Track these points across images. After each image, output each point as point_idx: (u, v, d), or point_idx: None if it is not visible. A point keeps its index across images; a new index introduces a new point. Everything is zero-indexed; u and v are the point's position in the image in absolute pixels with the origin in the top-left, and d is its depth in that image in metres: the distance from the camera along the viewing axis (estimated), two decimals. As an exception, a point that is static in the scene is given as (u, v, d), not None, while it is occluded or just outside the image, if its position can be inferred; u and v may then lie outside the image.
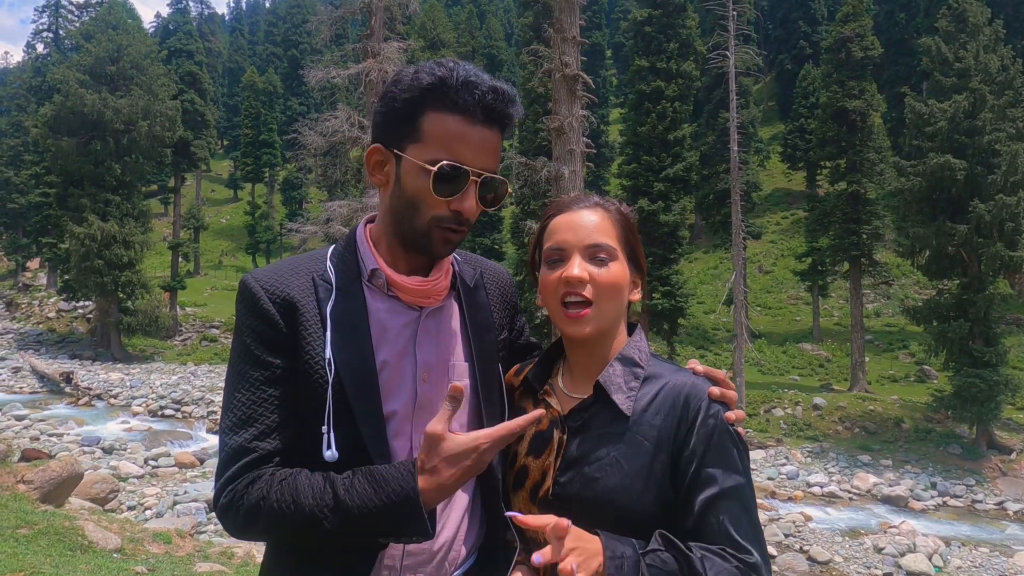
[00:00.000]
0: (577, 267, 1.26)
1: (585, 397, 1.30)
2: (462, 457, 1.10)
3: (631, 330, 1.37)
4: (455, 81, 1.18)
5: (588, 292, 1.26)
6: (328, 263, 1.27)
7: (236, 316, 1.25)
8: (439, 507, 1.24)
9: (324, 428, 1.16)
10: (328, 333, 1.19)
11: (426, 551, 1.24)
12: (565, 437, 1.28)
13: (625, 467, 1.20)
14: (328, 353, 1.18)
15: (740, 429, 1.24)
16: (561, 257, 1.29)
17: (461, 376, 1.31)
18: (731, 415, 1.22)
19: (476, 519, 1.34)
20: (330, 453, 1.15)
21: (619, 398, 1.25)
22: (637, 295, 1.35)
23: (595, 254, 1.27)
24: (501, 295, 1.47)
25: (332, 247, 1.32)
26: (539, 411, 1.18)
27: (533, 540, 1.29)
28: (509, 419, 1.37)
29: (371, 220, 1.36)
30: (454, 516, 1.29)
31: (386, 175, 1.26)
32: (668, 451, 1.20)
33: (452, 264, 1.36)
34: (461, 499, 1.31)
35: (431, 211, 1.20)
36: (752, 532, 1.16)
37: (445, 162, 1.17)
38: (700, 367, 1.30)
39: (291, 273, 1.25)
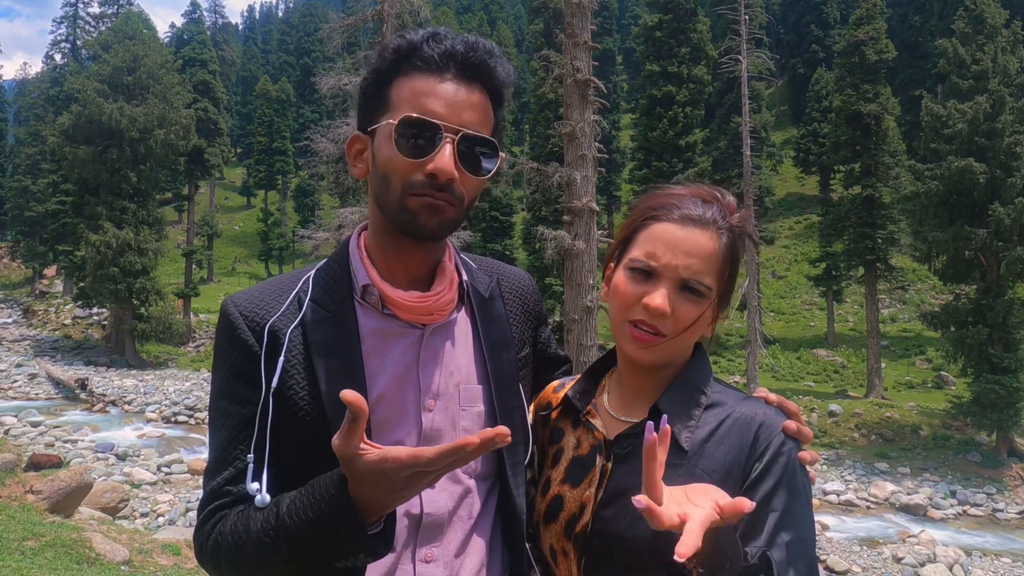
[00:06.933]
0: (662, 297, 1.08)
1: (636, 421, 1.14)
2: (384, 477, 0.85)
3: (694, 350, 1.20)
4: (420, 38, 1.07)
5: (665, 327, 1.09)
6: (310, 282, 1.13)
7: (215, 345, 1.12)
8: (455, 549, 1.12)
9: (250, 457, 1.02)
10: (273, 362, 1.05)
11: None
12: (609, 465, 1.13)
13: None
14: (275, 383, 1.04)
15: (811, 473, 1.10)
16: (649, 272, 1.11)
17: (474, 402, 1.16)
18: (805, 456, 1.07)
19: (497, 561, 1.18)
20: (260, 498, 0.99)
21: (677, 428, 1.09)
22: (712, 329, 1.17)
23: (687, 286, 1.09)
24: (521, 305, 1.30)
25: (321, 263, 1.19)
26: (502, 428, 0.83)
27: None
28: (534, 449, 1.25)
29: (366, 227, 1.20)
30: (473, 559, 1.15)
31: (365, 162, 1.12)
32: (733, 488, 1.03)
33: (459, 273, 1.20)
34: (481, 540, 1.16)
35: (402, 178, 1.04)
36: None
37: (407, 114, 1.04)
38: (773, 396, 1.14)
39: (274, 296, 1.12)
